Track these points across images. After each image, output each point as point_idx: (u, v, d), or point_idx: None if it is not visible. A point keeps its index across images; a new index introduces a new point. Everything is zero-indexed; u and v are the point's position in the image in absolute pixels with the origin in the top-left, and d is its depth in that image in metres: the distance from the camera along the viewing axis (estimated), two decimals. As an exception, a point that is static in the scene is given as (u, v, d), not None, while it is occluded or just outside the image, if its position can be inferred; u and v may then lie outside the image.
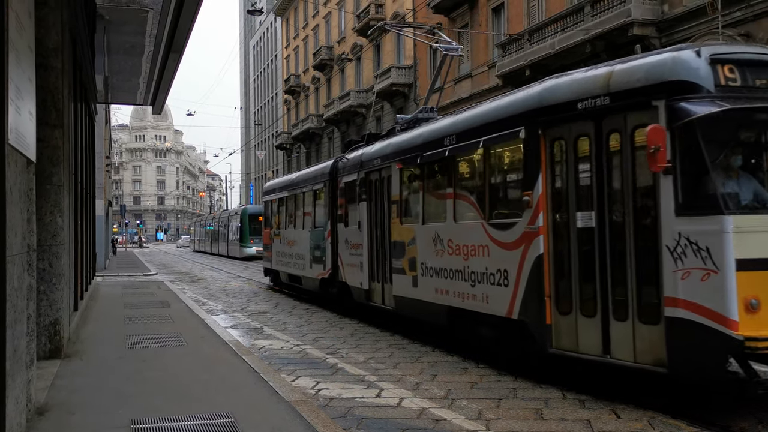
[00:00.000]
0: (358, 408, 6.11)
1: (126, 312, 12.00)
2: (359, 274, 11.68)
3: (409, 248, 9.76)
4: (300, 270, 15.36)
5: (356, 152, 12.56)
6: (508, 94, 8.22)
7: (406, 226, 10.00)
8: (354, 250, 11.94)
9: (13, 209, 4.09)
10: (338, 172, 13.07)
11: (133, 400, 5.71)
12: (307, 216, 15.22)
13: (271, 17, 68.36)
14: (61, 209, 7.47)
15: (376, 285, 11.17)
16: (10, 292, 3.98)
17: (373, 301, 11.27)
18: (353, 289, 12.08)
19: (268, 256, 19.36)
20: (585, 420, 5.70)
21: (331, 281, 13.22)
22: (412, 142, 10.02)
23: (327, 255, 13.33)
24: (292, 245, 16.21)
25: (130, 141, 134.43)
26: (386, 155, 10.84)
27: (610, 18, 18.95)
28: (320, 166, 15.19)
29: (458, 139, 8.60)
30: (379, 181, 11.07)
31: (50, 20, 7.26)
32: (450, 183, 8.82)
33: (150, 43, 11.79)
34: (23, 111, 4.41)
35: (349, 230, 12.27)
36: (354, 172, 12.14)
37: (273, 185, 19.32)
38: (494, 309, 7.69)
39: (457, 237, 8.54)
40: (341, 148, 44.47)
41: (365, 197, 11.54)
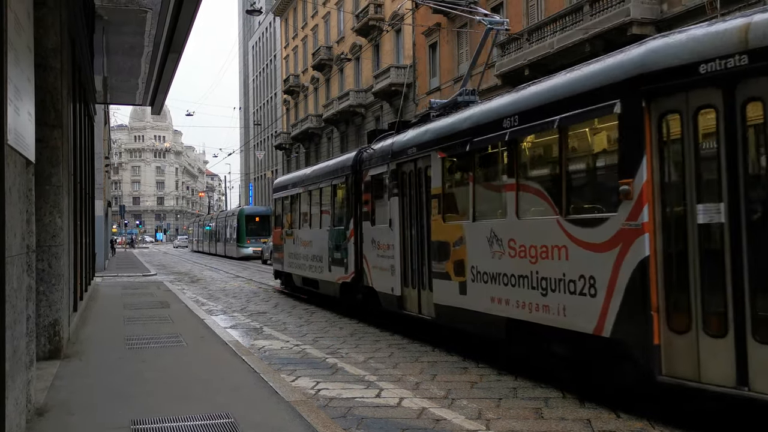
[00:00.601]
0: (358, 408, 6.11)
1: (125, 312, 11.99)
2: (390, 278, 10.45)
3: (455, 250, 8.51)
4: (317, 273, 14.10)
5: (385, 142, 11.33)
6: (592, 62, 6.77)
7: (450, 224, 8.73)
8: (383, 251, 10.75)
9: (12, 210, 4.08)
10: (362, 164, 11.89)
11: (133, 401, 5.70)
12: (325, 214, 13.94)
13: (270, 17, 68.34)
14: (60, 210, 7.46)
15: (410, 291, 9.97)
16: (10, 293, 3.98)
17: (406, 309, 10.05)
18: (382, 296, 10.86)
19: (279, 257, 17.94)
20: (585, 419, 5.70)
21: (353, 286, 12.07)
22: (458, 126, 8.72)
23: (349, 257, 12.14)
24: (307, 246, 14.93)
25: (129, 141, 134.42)
26: (424, 143, 9.58)
27: (609, 17, 18.97)
28: (340, 158, 13.89)
29: (523, 119, 7.25)
30: (415, 172, 9.88)
31: (49, 20, 7.25)
32: (511, 172, 7.50)
33: (149, 44, 11.79)
34: (22, 111, 4.40)
35: (376, 229, 11.11)
36: (382, 164, 10.91)
37: (284, 181, 18.12)
38: (575, 323, 6.39)
39: (521, 236, 7.25)
40: (340, 148, 44.64)
41: (397, 192, 10.34)
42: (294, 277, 16.36)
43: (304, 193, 15.55)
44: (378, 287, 11.00)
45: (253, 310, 14.20)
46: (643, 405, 5.98)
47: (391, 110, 38.17)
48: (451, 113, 9.57)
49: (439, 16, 31.51)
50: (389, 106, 38.28)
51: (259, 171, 74.77)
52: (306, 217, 15.42)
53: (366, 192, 11.67)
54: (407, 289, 10.07)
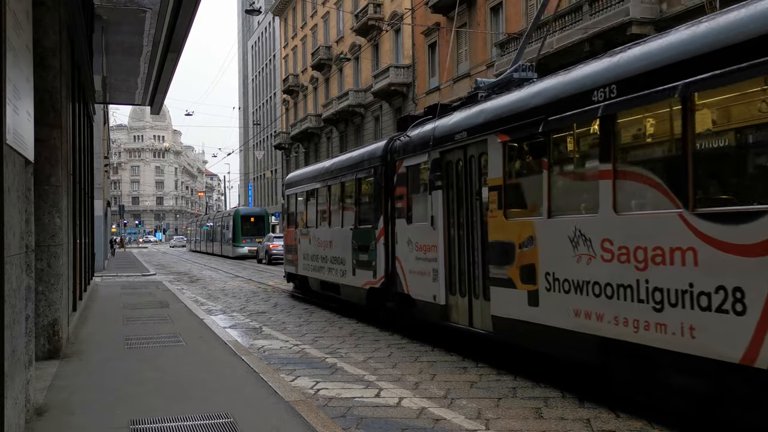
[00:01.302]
0: (358, 408, 6.11)
1: (125, 312, 11.99)
2: (431, 284, 9.15)
3: (521, 252, 7.15)
4: (338, 277, 12.79)
5: (423, 128, 9.90)
6: (724, 11, 5.35)
7: (515, 222, 7.36)
8: (422, 253, 9.44)
9: (11, 210, 4.08)
10: (395, 154, 10.57)
11: (132, 401, 5.70)
12: (348, 211, 12.59)
13: (269, 17, 68.33)
14: (59, 210, 7.46)
15: (457, 300, 8.67)
16: (9, 293, 3.97)
17: (452, 320, 8.78)
18: (421, 304, 9.53)
19: (292, 259, 16.42)
20: (585, 419, 5.70)
21: (383, 292, 10.75)
22: (527, 103, 7.30)
23: (378, 259, 10.86)
24: (326, 247, 13.56)
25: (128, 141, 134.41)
26: (477, 126, 8.20)
27: (609, 17, 18.98)
28: (366, 148, 12.45)
29: (624, 88, 5.85)
30: (464, 161, 8.57)
31: (48, 20, 7.25)
32: (606, 155, 6.04)
33: (148, 43, 11.79)
34: (21, 111, 4.40)
35: (414, 228, 9.81)
36: (421, 153, 9.62)
37: (298, 176, 16.68)
38: (709, 349, 5.07)
39: (620, 235, 5.84)
40: (340, 148, 44.64)
41: (440, 184, 9.03)
42: (310, 281, 15.00)
43: (322, 188, 14.10)
44: (415, 294, 9.70)
45: (253, 309, 14.20)
46: (643, 405, 5.98)
47: (390, 110, 38.18)
48: (506, 91, 8.31)
49: (439, 16, 31.52)
50: (388, 106, 38.28)
51: (258, 171, 74.78)
52: (325, 215, 13.91)
53: (400, 185, 10.35)
54: (453, 298, 8.77)
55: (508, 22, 26.42)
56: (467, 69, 29.60)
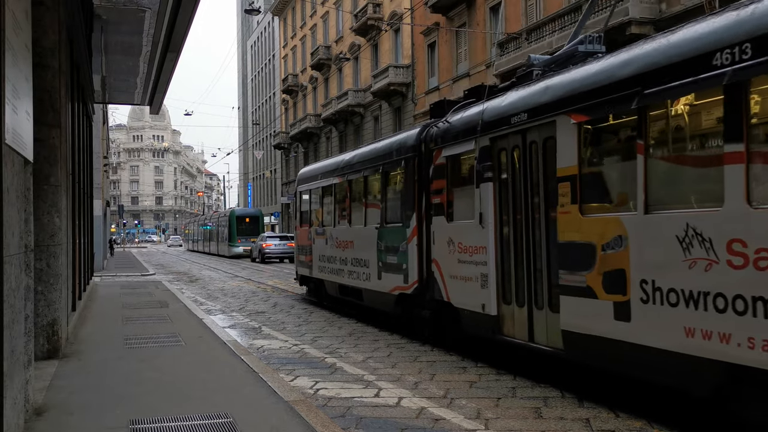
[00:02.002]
0: (357, 407, 6.10)
1: (124, 312, 11.98)
2: (478, 291, 7.99)
3: (605, 255, 5.99)
4: (360, 281, 11.69)
5: (467, 111, 8.73)
6: None
7: (597, 218, 6.18)
8: (467, 255, 8.30)
9: (11, 209, 4.07)
10: (431, 142, 9.40)
11: (132, 401, 5.70)
12: (372, 208, 11.43)
13: (268, 17, 68.34)
14: (58, 209, 7.45)
15: (514, 310, 7.49)
16: (8, 293, 3.97)
17: (505, 334, 7.60)
18: (466, 314, 8.38)
19: (306, 261, 15.10)
20: (584, 419, 5.70)
21: (417, 299, 9.67)
22: (613, 74, 6.08)
23: (410, 261, 9.75)
24: (345, 248, 12.46)
25: (127, 141, 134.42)
26: (543, 105, 6.97)
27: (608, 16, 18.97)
28: (393, 138, 11.18)
29: (763, 47, 4.70)
30: (524, 148, 7.36)
31: (47, 20, 7.24)
32: (734, 133, 4.91)
33: (147, 43, 11.78)
34: (20, 111, 4.40)
35: (456, 226, 8.68)
36: (466, 140, 8.43)
37: (312, 171, 15.40)
38: None
39: (756, 236, 4.74)
40: (339, 148, 44.65)
41: (490, 175, 7.87)
42: (327, 285, 13.81)
43: (341, 183, 12.92)
44: (458, 302, 8.54)
45: (252, 309, 14.19)
46: (642, 404, 5.99)
47: (390, 110, 38.19)
48: (572, 66, 7.15)
49: (438, 16, 31.53)
50: (388, 106, 38.28)
51: (257, 170, 74.78)
52: (344, 213, 12.76)
53: (437, 178, 9.18)
54: (507, 308, 7.60)
55: (508, 21, 26.42)
56: (466, 69, 29.61)
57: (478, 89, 9.28)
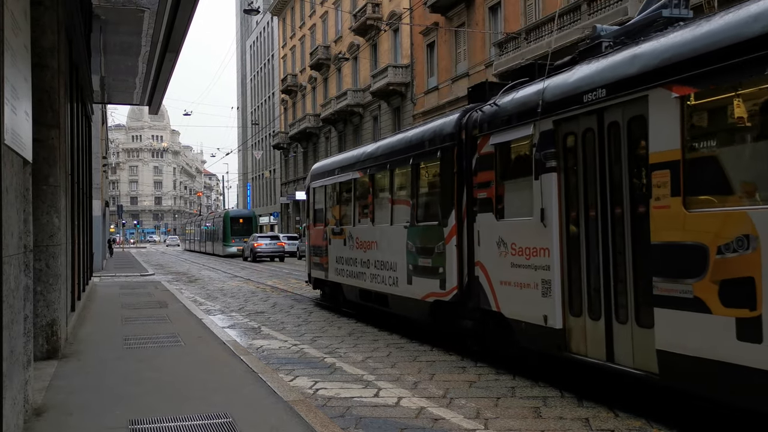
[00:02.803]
0: (357, 407, 6.11)
1: (123, 312, 11.98)
2: (538, 301, 6.89)
3: (723, 259, 4.87)
4: (385, 286, 10.63)
5: (522, 91, 7.67)
6: None
7: (708, 214, 5.09)
8: (522, 257, 7.22)
9: (10, 210, 4.07)
10: (476, 129, 8.27)
11: (131, 401, 5.70)
12: (401, 204, 10.40)
13: (267, 17, 68.34)
14: (57, 210, 7.45)
15: (586, 324, 6.36)
16: (7, 293, 3.97)
17: (574, 351, 6.50)
18: (520, 326, 7.26)
19: (320, 262, 13.99)
20: (583, 418, 5.70)
21: (456, 307, 8.60)
22: (737, 33, 4.95)
23: (448, 264, 8.67)
24: (368, 248, 11.42)
25: (126, 141, 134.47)
26: (630, 78, 5.85)
27: (607, 17, 18.99)
28: (426, 126, 9.95)
29: None
30: (600, 130, 6.25)
31: (46, 20, 7.24)
32: None
33: (146, 43, 11.78)
34: (19, 111, 4.39)
35: (508, 224, 7.55)
36: (521, 124, 7.33)
37: (328, 165, 14.23)
38: None
39: None
40: (338, 148, 44.66)
41: (554, 165, 6.77)
42: (345, 289, 12.74)
43: (362, 178, 11.88)
44: (511, 313, 7.43)
45: (251, 309, 14.19)
46: (642, 404, 5.99)
47: (389, 110, 38.20)
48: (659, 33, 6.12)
49: (437, 16, 31.53)
50: (387, 106, 38.30)
51: (257, 170, 74.79)
52: (366, 210, 11.76)
53: (483, 169, 8.06)
54: (577, 320, 6.49)
55: (507, 21, 26.43)
56: (466, 69, 29.62)
57: (529, 68, 8.39)
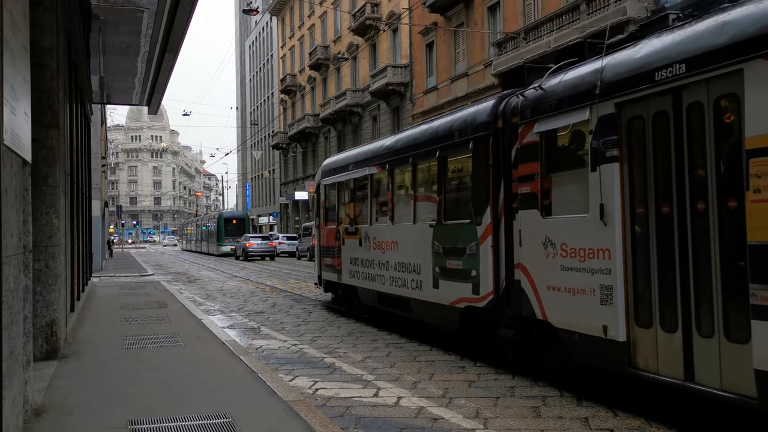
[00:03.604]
0: (356, 407, 6.11)
1: (123, 313, 11.98)
2: (597, 308, 6.05)
3: None
4: (407, 290, 9.81)
5: (575, 72, 6.78)
6: None
7: None
8: (576, 260, 6.37)
9: (9, 210, 4.08)
10: (516, 116, 7.41)
11: (131, 401, 5.70)
12: (425, 202, 9.62)
13: (266, 17, 68.33)
14: (57, 210, 7.45)
15: (657, 336, 5.54)
16: (6, 294, 3.97)
17: (641, 367, 5.68)
18: (573, 337, 6.41)
19: (332, 264, 13.22)
20: (583, 418, 5.70)
21: (491, 314, 7.78)
22: None
23: (483, 267, 7.85)
24: (386, 249, 10.62)
25: (126, 141, 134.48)
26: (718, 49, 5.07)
27: (606, 16, 19.00)
28: (455, 115, 9.08)
29: None
30: (676, 112, 5.42)
31: (45, 20, 7.24)
32: None
33: (145, 43, 11.78)
34: (18, 111, 4.40)
35: (556, 222, 6.71)
36: (575, 109, 6.47)
37: (341, 160, 13.43)
38: None
39: None
40: (337, 148, 44.66)
41: (616, 153, 5.95)
42: (361, 293, 11.97)
43: (380, 173, 11.10)
44: (561, 322, 6.60)
45: (251, 309, 14.19)
46: (641, 403, 6.00)
47: (388, 109, 38.19)
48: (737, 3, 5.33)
49: (436, 16, 31.54)
50: (386, 106, 38.30)
51: (256, 171, 74.78)
52: (384, 208, 10.97)
53: (526, 161, 7.19)
54: (645, 332, 5.67)
55: (506, 21, 26.44)
56: (465, 68, 29.62)
57: (577, 47, 7.49)
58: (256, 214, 74.32)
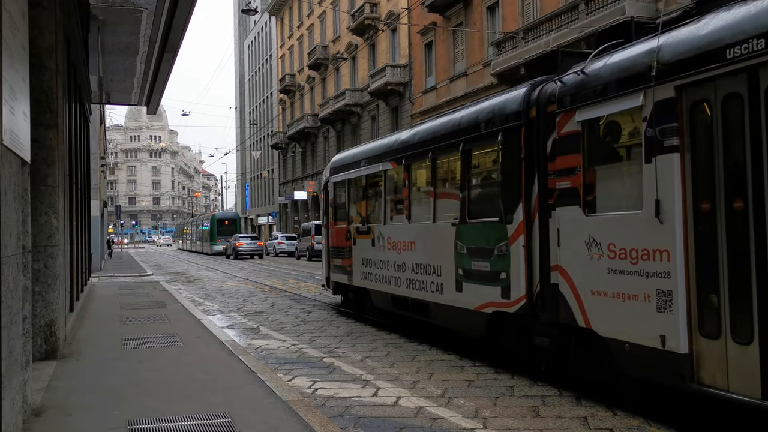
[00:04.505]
0: (355, 407, 6.11)
1: (122, 313, 11.98)
2: (653, 316, 5.43)
3: None
4: (426, 293, 9.23)
5: (625, 53, 6.11)
6: None
7: None
8: (627, 262, 5.73)
9: (8, 210, 4.08)
10: (553, 104, 6.80)
11: (130, 401, 5.70)
12: (447, 198, 9.03)
13: (265, 17, 68.32)
14: (56, 210, 7.45)
15: (726, 348, 4.92)
16: (6, 294, 3.97)
17: (707, 383, 5.07)
18: (623, 348, 5.78)
19: (342, 265, 12.60)
20: (582, 417, 5.71)
21: (524, 320, 7.23)
22: None
23: (514, 269, 7.26)
24: (403, 250, 10.04)
25: (125, 141, 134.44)
26: None
27: (605, 16, 19.02)
28: (480, 105, 8.40)
29: None
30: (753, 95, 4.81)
31: (44, 20, 7.23)
32: None
33: (144, 43, 11.78)
34: (17, 111, 4.40)
35: (603, 220, 6.07)
36: (625, 94, 5.80)
37: (351, 156, 12.70)
38: None
39: None
40: (336, 148, 44.65)
41: (676, 143, 5.29)
42: (374, 296, 11.35)
43: (396, 169, 10.51)
44: (607, 330, 5.99)
45: (250, 309, 14.19)
46: (640, 403, 6.00)
47: (387, 109, 38.19)
48: None
49: (435, 15, 31.55)
50: (385, 105, 38.31)
51: (255, 170, 74.76)
52: (401, 206, 10.37)
53: (565, 152, 6.57)
54: (711, 343, 5.04)
55: (505, 21, 26.45)
56: (464, 68, 29.63)
57: (623, 27, 6.90)
58: (255, 214, 74.33)
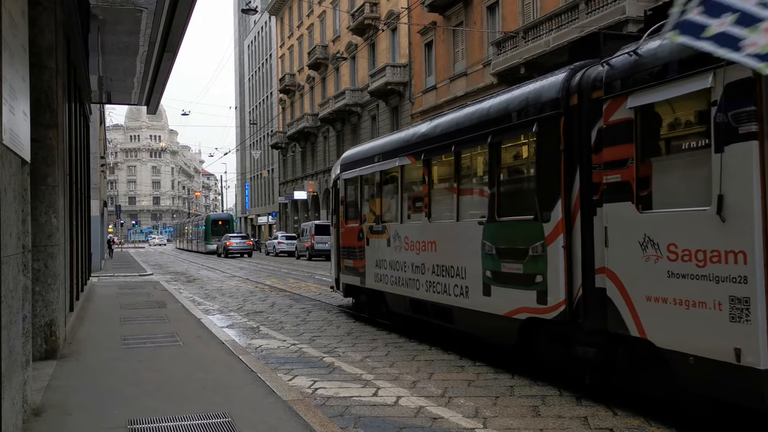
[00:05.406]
0: (355, 407, 6.11)
1: (122, 312, 11.97)
2: (724, 327, 4.82)
3: None
4: (449, 296, 8.57)
5: None
6: None
7: None
8: (692, 265, 5.09)
9: (8, 210, 4.07)
10: (599, 89, 6.16)
11: (130, 401, 5.70)
12: (472, 195, 8.45)
13: (265, 16, 68.31)
14: (56, 210, 7.45)
15: None
16: (6, 294, 3.97)
17: None
18: (685, 361, 5.16)
19: (354, 266, 11.95)
20: (582, 417, 5.71)
21: (564, 328, 6.58)
22: None
23: (552, 271, 6.62)
24: (422, 250, 9.36)
25: (124, 141, 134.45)
26: None
27: (605, 15, 19.03)
28: (511, 94, 7.71)
29: None
30: None
31: (44, 20, 7.23)
32: None
33: (144, 43, 11.78)
34: (17, 111, 4.39)
35: (660, 218, 5.43)
36: (689, 76, 5.14)
37: (364, 152, 11.96)
38: None
39: None
40: (336, 148, 44.68)
41: (753, 129, 4.70)
42: (389, 299, 10.65)
43: (414, 164, 9.80)
44: (667, 341, 5.35)
45: (250, 309, 14.19)
46: (640, 402, 6.00)
47: (387, 109, 38.20)
48: None
49: (435, 15, 31.55)
50: (385, 105, 38.31)
51: (255, 170, 74.77)
52: (420, 204, 9.71)
53: (613, 143, 5.92)
54: None
55: (505, 20, 26.45)
56: (464, 68, 29.63)
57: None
58: (255, 213, 74.34)
